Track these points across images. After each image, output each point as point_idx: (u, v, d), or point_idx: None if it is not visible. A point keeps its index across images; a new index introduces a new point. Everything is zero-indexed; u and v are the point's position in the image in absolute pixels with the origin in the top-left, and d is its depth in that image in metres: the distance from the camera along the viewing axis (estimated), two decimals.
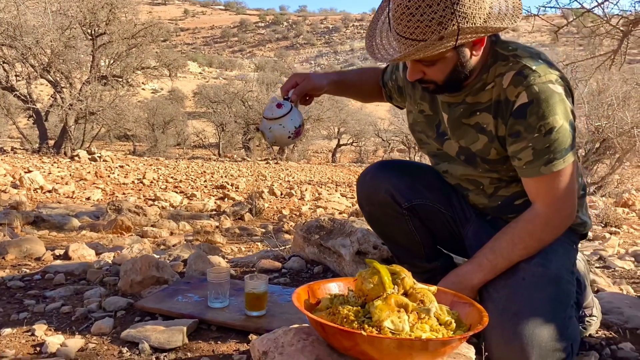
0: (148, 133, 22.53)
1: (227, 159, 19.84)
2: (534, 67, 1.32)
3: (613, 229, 4.91)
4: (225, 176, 11.84)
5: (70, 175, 9.83)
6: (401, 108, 1.78)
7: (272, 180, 11.74)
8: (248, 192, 8.07)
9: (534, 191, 1.38)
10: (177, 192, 8.74)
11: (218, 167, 14.18)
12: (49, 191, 7.85)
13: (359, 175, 1.72)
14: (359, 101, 2.02)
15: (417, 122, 1.61)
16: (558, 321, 1.27)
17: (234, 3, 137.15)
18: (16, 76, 14.41)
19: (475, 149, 1.45)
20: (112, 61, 15.53)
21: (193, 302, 1.70)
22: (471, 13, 1.20)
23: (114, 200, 6.71)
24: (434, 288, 1.24)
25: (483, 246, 1.43)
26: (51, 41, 13.04)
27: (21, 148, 16.65)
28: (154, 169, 12.04)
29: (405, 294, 1.16)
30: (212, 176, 11.68)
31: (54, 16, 13.00)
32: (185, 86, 38.92)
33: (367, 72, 1.83)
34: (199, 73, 61.34)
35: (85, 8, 13.90)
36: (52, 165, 11.18)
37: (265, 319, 1.57)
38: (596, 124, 9.03)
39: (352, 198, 9.04)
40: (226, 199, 8.42)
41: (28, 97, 14.26)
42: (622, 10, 4.03)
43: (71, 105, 13.97)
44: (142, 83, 20.54)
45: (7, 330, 1.55)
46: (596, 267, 2.69)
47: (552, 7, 4.05)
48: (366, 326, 1.06)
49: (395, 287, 1.16)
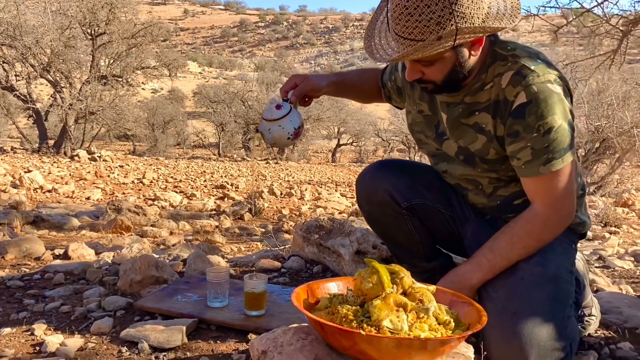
0: (148, 133, 22.55)
1: (227, 159, 19.84)
2: (533, 67, 1.32)
3: (613, 229, 4.91)
4: (225, 176, 11.84)
5: (70, 175, 9.83)
6: (400, 108, 1.78)
7: (272, 180, 11.74)
8: (248, 192, 8.07)
9: (533, 191, 1.38)
10: (177, 192, 8.74)
11: (218, 167, 14.18)
12: (49, 191, 7.85)
13: (358, 175, 1.73)
14: (359, 102, 2.02)
15: (416, 122, 1.61)
16: (557, 320, 1.27)
17: (234, 3, 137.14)
18: (16, 76, 14.41)
19: (474, 149, 1.45)
20: (112, 61, 15.53)
21: (192, 302, 1.70)
22: (469, 13, 1.20)
23: (114, 200, 6.71)
24: (433, 287, 1.24)
25: (482, 246, 1.43)
26: (51, 41, 13.04)
27: (21, 148, 16.66)
28: (154, 169, 12.04)
29: (404, 294, 1.16)
30: (212, 176, 11.69)
31: (54, 16, 13.02)
32: (185, 86, 38.93)
33: (367, 73, 1.83)
34: (199, 73, 61.34)
35: (85, 8, 13.90)
36: (52, 165, 11.18)
37: (264, 319, 1.58)
38: (596, 124, 9.03)
39: (352, 198, 9.04)
40: (226, 199, 8.42)
41: (28, 97, 14.26)
42: (622, 10, 4.04)
43: (71, 105, 13.97)
44: (142, 83, 20.54)
45: (7, 329, 1.55)
46: (596, 267, 2.69)
47: (552, 7, 4.06)
48: (365, 325, 1.06)
49: (394, 287, 1.16)
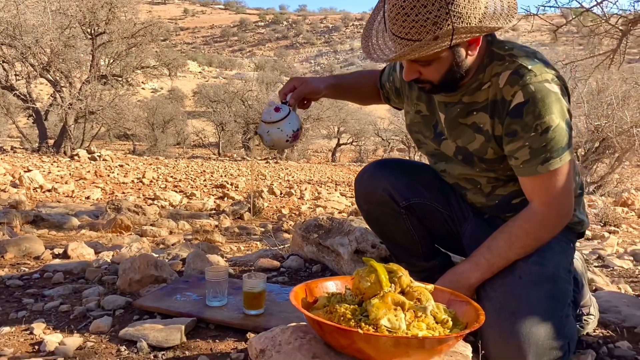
0: (148, 132, 22.56)
1: (227, 158, 19.86)
2: (530, 67, 1.32)
3: (612, 228, 4.91)
4: (224, 175, 11.85)
5: (69, 174, 9.84)
6: (399, 109, 1.78)
7: (272, 179, 11.74)
8: (247, 192, 8.08)
9: (531, 190, 1.38)
10: (177, 192, 8.75)
11: (218, 167, 14.19)
12: (49, 190, 7.86)
13: (357, 174, 1.73)
14: (358, 104, 2.02)
15: (415, 123, 1.62)
16: (555, 320, 1.27)
17: (234, 2, 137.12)
18: (16, 75, 14.41)
19: (472, 149, 1.45)
20: (112, 60, 15.54)
21: (191, 301, 1.70)
22: (466, 13, 1.20)
23: (114, 199, 6.72)
24: (431, 286, 1.24)
25: (480, 245, 1.43)
26: (51, 40, 13.04)
27: (21, 147, 16.65)
28: (154, 168, 12.04)
29: (402, 293, 1.17)
30: (212, 175, 11.69)
31: (54, 15, 13.02)
32: (185, 85, 38.95)
33: (365, 75, 1.83)
34: (199, 72, 61.34)
35: (84, 7, 13.91)
36: (52, 164, 11.18)
37: (263, 318, 1.58)
38: (595, 124, 9.04)
39: (352, 197, 9.05)
40: (226, 198, 8.42)
41: (28, 97, 14.27)
42: (621, 9, 4.05)
43: (71, 104, 13.97)
44: (142, 82, 20.55)
45: (6, 328, 1.55)
46: (595, 266, 2.69)
47: (551, 7, 4.07)
48: (363, 324, 1.06)
49: (392, 286, 1.16)
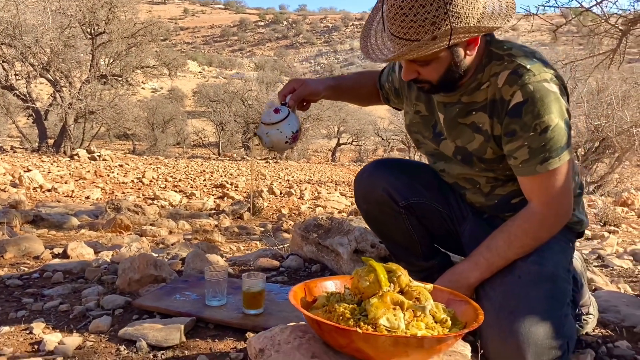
0: (148, 132, 22.57)
1: (227, 158, 19.86)
2: (529, 66, 1.33)
3: (612, 228, 4.91)
4: (224, 175, 11.85)
5: (69, 174, 9.84)
6: (399, 110, 1.78)
7: (272, 179, 11.74)
8: (247, 191, 8.08)
9: (530, 190, 1.38)
10: (177, 191, 8.75)
11: (217, 166, 14.19)
12: (48, 190, 7.86)
13: (357, 173, 1.73)
14: (357, 105, 2.02)
15: (414, 123, 1.62)
16: (554, 319, 1.28)
17: (234, 2, 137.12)
18: (15, 75, 14.41)
19: (471, 149, 1.45)
20: (112, 60, 15.54)
21: (191, 301, 1.70)
22: (464, 13, 1.20)
23: (113, 199, 6.72)
24: (430, 286, 1.24)
25: (480, 244, 1.43)
26: (51, 40, 13.04)
27: (21, 147, 16.65)
28: (154, 168, 12.05)
29: (401, 292, 1.17)
30: (212, 175, 11.69)
31: (54, 15, 13.02)
32: (184, 85, 38.96)
33: (364, 76, 1.83)
34: (199, 72, 61.36)
35: (84, 7, 13.91)
36: (52, 164, 11.18)
37: (262, 317, 1.58)
38: (595, 123, 9.04)
39: (352, 197, 9.04)
40: (225, 198, 8.42)
41: (27, 96, 14.26)
42: (621, 9, 4.05)
43: (71, 104, 13.97)
44: (142, 82, 20.57)
45: (5, 328, 1.55)
46: (594, 266, 2.69)
47: (551, 7, 4.07)
48: (362, 324, 1.06)
49: (391, 285, 1.16)
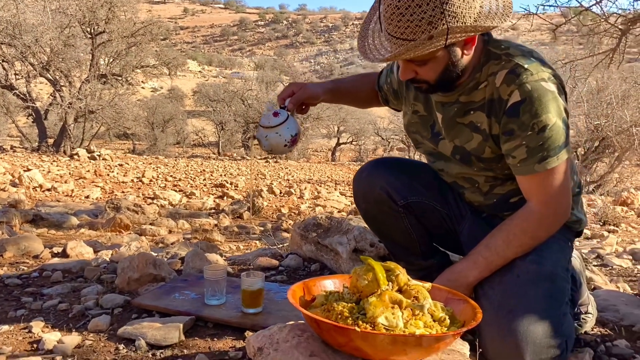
0: (147, 132, 22.57)
1: (227, 158, 19.86)
2: (526, 66, 1.33)
3: (611, 227, 4.91)
4: (224, 175, 11.85)
5: (69, 173, 9.84)
6: (398, 111, 1.79)
7: (272, 178, 11.74)
8: (247, 191, 8.08)
9: (528, 189, 1.38)
10: (176, 191, 8.75)
11: (217, 166, 14.19)
12: (48, 189, 7.86)
13: (355, 173, 1.73)
14: (357, 107, 2.03)
15: (412, 123, 1.62)
16: (553, 318, 1.28)
17: (234, 2, 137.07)
18: (15, 75, 14.41)
19: (469, 148, 1.45)
20: (112, 60, 15.54)
21: (190, 300, 1.70)
22: (461, 12, 1.21)
23: (113, 198, 6.71)
24: (428, 285, 1.25)
25: (478, 243, 1.43)
26: (50, 40, 13.05)
27: (20, 146, 16.65)
28: (153, 168, 12.05)
29: (399, 291, 1.17)
30: (212, 175, 11.70)
31: (53, 15, 13.02)
32: (184, 85, 38.96)
33: (363, 78, 1.84)
34: (199, 72, 61.39)
35: (84, 6, 13.90)
36: (52, 163, 11.18)
37: (261, 316, 1.58)
38: (595, 123, 9.04)
39: (351, 197, 9.01)
40: (225, 198, 8.42)
41: (27, 96, 14.26)
42: (621, 8, 4.06)
43: (70, 103, 13.97)
44: (142, 82, 20.57)
45: (5, 327, 1.55)
46: (594, 265, 2.69)
47: (551, 6, 4.07)
48: (360, 322, 1.06)
49: (389, 284, 1.16)
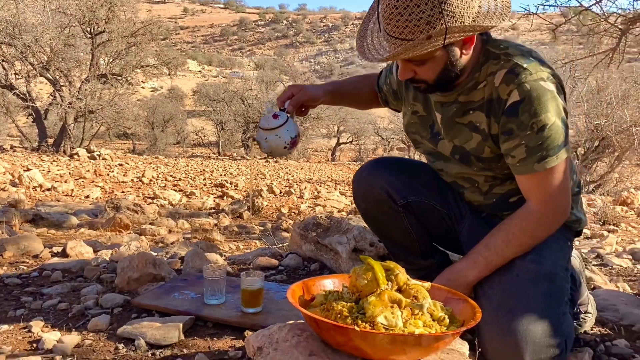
0: (147, 131, 22.57)
1: (227, 158, 19.85)
2: (525, 65, 1.33)
3: (611, 227, 4.91)
4: (224, 174, 11.85)
5: (69, 173, 9.84)
6: (398, 112, 1.79)
7: (272, 178, 11.74)
8: (247, 191, 8.08)
9: (528, 188, 1.38)
10: (176, 191, 8.75)
11: (217, 166, 14.19)
12: (48, 189, 7.86)
13: (355, 172, 1.73)
14: (357, 109, 2.03)
15: (411, 124, 1.62)
16: (552, 317, 1.28)
17: (234, 1, 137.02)
18: (15, 74, 14.40)
19: (469, 148, 1.45)
20: (112, 59, 15.54)
21: (189, 299, 1.70)
22: (459, 12, 1.21)
23: (113, 198, 6.71)
24: (428, 284, 1.24)
25: (478, 243, 1.43)
26: (50, 39, 13.04)
27: (20, 146, 16.64)
28: (153, 168, 12.04)
29: (399, 290, 1.17)
30: (212, 174, 11.69)
31: (53, 14, 13.02)
32: (184, 84, 38.95)
33: (363, 80, 1.85)
34: (199, 71, 61.38)
35: (84, 6, 13.90)
36: (52, 163, 11.17)
37: (261, 316, 1.58)
38: (595, 123, 9.04)
39: (351, 196, 9.02)
40: (225, 197, 8.42)
41: (27, 96, 14.25)
42: (621, 8, 4.06)
43: (70, 103, 13.97)
44: (142, 81, 20.57)
45: (4, 326, 1.56)
46: (593, 265, 2.69)
47: (550, 6, 4.07)
48: (360, 322, 1.06)
49: (389, 283, 1.16)
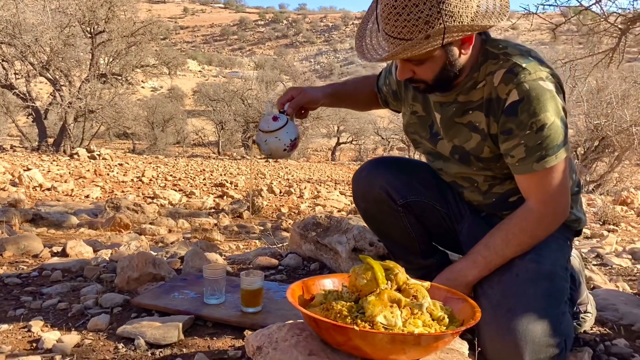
0: (147, 131, 22.57)
1: (227, 157, 19.85)
2: (524, 65, 1.33)
3: (611, 227, 4.91)
4: (224, 174, 11.85)
5: (69, 173, 9.83)
6: (398, 112, 1.79)
7: (272, 178, 11.74)
8: (247, 190, 8.08)
9: (527, 188, 1.38)
10: (176, 190, 8.75)
11: (217, 165, 14.18)
12: (48, 189, 7.85)
13: (355, 172, 1.73)
14: (357, 110, 2.03)
15: (411, 124, 1.62)
16: (551, 317, 1.28)
17: (234, 1, 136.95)
18: (15, 74, 14.38)
19: (468, 148, 1.45)
20: (112, 59, 15.53)
21: (189, 299, 1.70)
22: (458, 12, 1.21)
23: (113, 198, 6.71)
24: (427, 284, 1.25)
25: (477, 243, 1.43)
26: (50, 39, 13.03)
27: (20, 146, 16.63)
28: (153, 167, 12.04)
29: (398, 290, 1.17)
30: (212, 174, 11.69)
31: (53, 14, 13.01)
32: (184, 84, 38.93)
33: (362, 81, 1.85)
34: (199, 71, 61.35)
35: (84, 6, 13.89)
36: (51, 163, 11.17)
37: (260, 315, 1.58)
38: (595, 122, 9.04)
39: (351, 196, 9.02)
40: (225, 197, 8.42)
41: (27, 95, 14.24)
42: (621, 8, 4.06)
43: (70, 103, 13.96)
44: (142, 81, 20.57)
45: (4, 326, 1.56)
46: (593, 265, 2.70)
47: (550, 5, 4.07)
48: (359, 321, 1.06)
49: (388, 283, 1.16)
